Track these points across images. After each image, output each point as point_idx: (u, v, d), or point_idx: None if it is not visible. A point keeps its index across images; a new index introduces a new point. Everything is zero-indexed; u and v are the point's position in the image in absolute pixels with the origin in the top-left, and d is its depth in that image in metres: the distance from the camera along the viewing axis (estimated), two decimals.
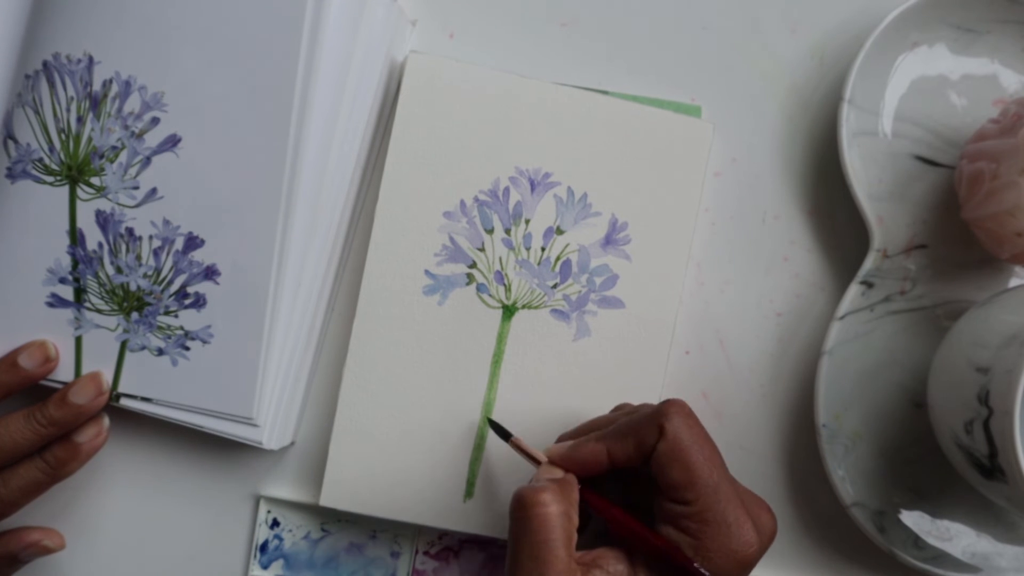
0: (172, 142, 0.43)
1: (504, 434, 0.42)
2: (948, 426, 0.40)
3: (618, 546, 0.38)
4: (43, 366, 0.43)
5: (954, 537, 0.45)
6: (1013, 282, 0.45)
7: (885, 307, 0.45)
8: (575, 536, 0.36)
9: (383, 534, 0.47)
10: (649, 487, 0.39)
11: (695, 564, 0.35)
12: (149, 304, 0.43)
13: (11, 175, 0.43)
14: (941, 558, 0.44)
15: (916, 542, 0.45)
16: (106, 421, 0.44)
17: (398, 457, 0.44)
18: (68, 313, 0.43)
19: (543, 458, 0.40)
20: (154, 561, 0.47)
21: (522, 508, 0.36)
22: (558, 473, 0.39)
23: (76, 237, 0.43)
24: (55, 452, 0.43)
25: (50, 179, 0.43)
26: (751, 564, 0.37)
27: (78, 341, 0.43)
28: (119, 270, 0.43)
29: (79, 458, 0.43)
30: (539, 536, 0.35)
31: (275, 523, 0.47)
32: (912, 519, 0.45)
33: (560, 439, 0.42)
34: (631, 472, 0.40)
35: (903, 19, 0.44)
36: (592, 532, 0.40)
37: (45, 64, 0.42)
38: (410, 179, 0.44)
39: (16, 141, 0.43)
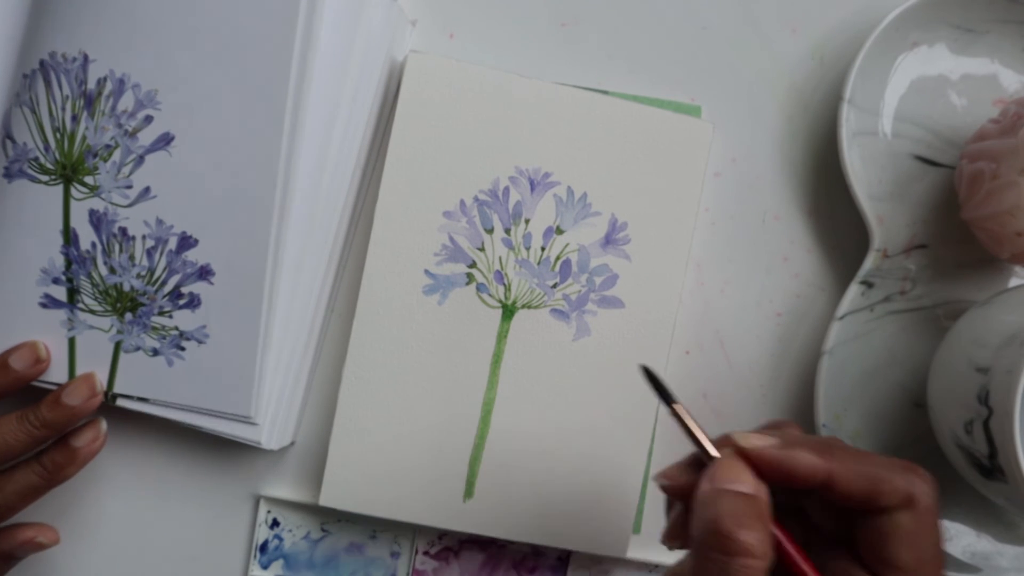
0: (165, 140, 0.42)
1: (667, 397, 0.33)
2: (948, 426, 0.40)
3: None
4: (34, 367, 0.42)
5: (954, 537, 0.45)
6: (1013, 282, 0.45)
7: (885, 307, 0.45)
8: None
9: (383, 534, 0.46)
10: (807, 528, 0.33)
11: None
12: (143, 304, 0.43)
13: (8, 174, 0.42)
14: None
15: None
16: (104, 425, 0.44)
17: (398, 457, 0.44)
18: (61, 314, 0.43)
19: (715, 452, 0.32)
20: (154, 561, 0.47)
21: (722, 551, 0.29)
22: (745, 482, 0.30)
23: (69, 237, 0.43)
24: (52, 456, 0.42)
25: (45, 178, 0.42)
26: None
27: (71, 342, 0.43)
28: (112, 270, 0.43)
29: (76, 463, 0.43)
30: None
31: (275, 523, 0.46)
32: None
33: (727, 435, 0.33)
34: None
35: (903, 19, 0.44)
36: None
37: (42, 63, 0.42)
38: (410, 179, 0.44)
39: (13, 140, 0.42)
